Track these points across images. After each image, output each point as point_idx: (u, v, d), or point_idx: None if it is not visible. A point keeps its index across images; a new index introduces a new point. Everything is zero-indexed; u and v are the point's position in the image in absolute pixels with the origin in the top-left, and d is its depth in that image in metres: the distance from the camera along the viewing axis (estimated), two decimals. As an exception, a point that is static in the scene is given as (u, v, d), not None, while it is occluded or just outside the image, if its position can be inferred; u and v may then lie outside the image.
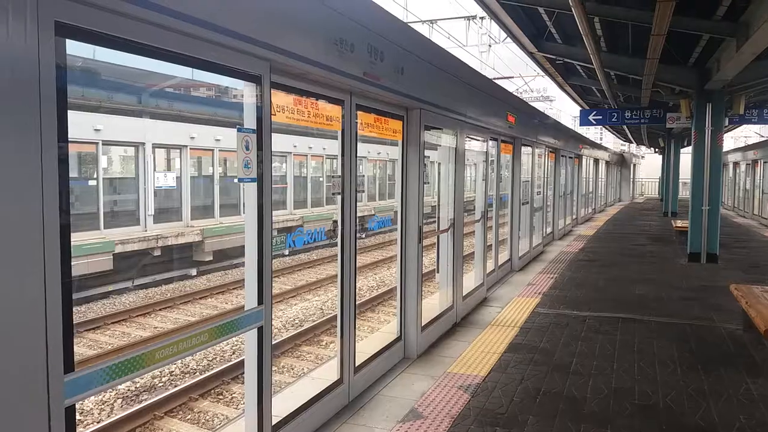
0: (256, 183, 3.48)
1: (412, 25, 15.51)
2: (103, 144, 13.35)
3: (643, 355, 6.02)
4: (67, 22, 2.21)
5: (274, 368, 4.00)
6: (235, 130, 3.40)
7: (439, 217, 7.26)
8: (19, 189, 2.05)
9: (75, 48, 2.34)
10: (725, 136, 14.97)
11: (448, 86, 6.78)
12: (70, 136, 2.26)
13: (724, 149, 15.42)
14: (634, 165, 44.36)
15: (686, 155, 21.86)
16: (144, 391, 7.31)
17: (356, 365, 4.93)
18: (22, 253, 2.07)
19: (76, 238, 11.34)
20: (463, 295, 7.57)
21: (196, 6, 2.83)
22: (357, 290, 4.91)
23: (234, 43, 3.11)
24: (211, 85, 16.59)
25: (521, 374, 5.46)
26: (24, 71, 2.05)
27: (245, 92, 3.50)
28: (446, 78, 6.72)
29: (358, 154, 4.86)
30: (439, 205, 7.30)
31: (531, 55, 13.82)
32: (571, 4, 7.54)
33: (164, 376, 7.74)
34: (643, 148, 47.24)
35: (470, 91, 7.63)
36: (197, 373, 7.81)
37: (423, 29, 20.61)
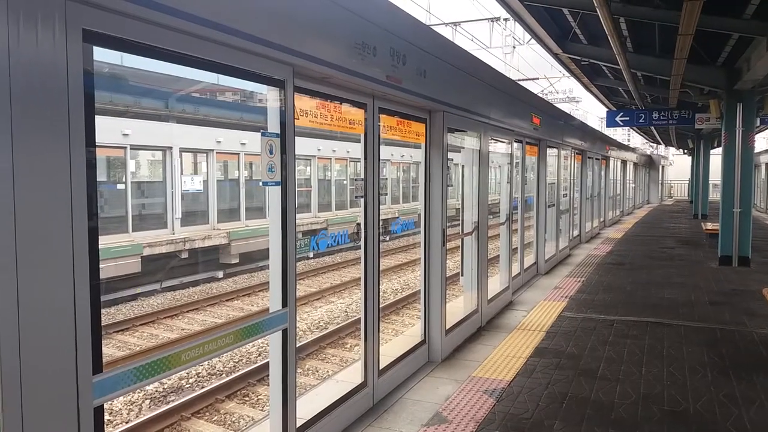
0: (280, 186, 3.50)
1: (435, 27, 15.47)
2: (131, 148, 13.59)
3: (673, 360, 5.90)
4: (94, 30, 2.25)
5: (298, 370, 4.04)
6: (260, 134, 3.43)
7: (463, 220, 7.22)
8: (48, 193, 2.09)
9: (103, 54, 2.39)
10: (757, 136, 14.62)
11: (471, 88, 6.76)
12: (97, 140, 2.30)
13: (756, 150, 15.07)
14: (663, 166, 43.63)
15: (716, 156, 21.46)
16: (172, 392, 7.41)
17: (380, 368, 4.93)
18: (52, 256, 2.12)
19: (105, 241, 11.55)
20: (488, 298, 7.52)
21: (221, 12, 2.87)
22: (381, 293, 4.90)
23: (257, 49, 3.14)
24: (236, 90, 16.76)
25: (547, 379, 5.40)
26: (53, 78, 2.09)
27: (269, 96, 3.53)
28: (469, 80, 6.70)
29: (381, 157, 4.87)
30: (463, 207, 7.27)
31: (556, 56, 13.70)
32: (595, 4, 7.46)
33: (191, 378, 7.83)
34: (672, 149, 46.44)
35: (494, 92, 7.58)
36: (223, 375, 7.89)
37: (446, 32, 20.59)
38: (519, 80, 17.88)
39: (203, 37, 2.78)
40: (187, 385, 7.62)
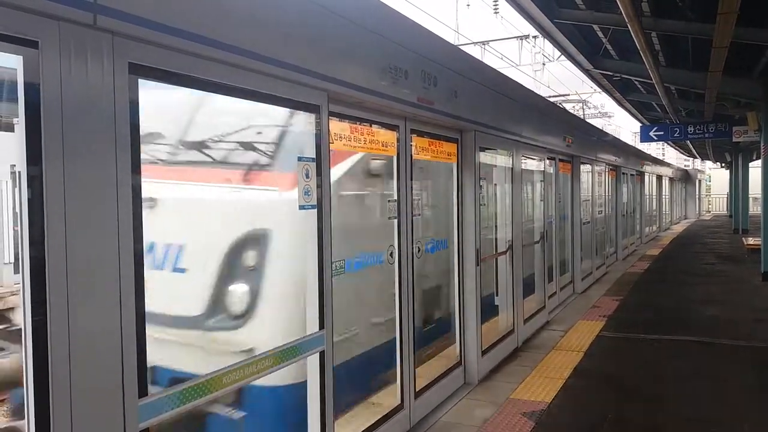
0: (315, 209, 3.55)
1: (463, 47, 15.55)
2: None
3: (717, 381, 5.73)
4: (140, 63, 2.34)
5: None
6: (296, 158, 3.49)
7: (496, 239, 7.17)
8: (96, 218, 2.17)
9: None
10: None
11: (502, 107, 6.76)
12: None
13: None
14: (699, 181, 42.68)
15: (755, 169, 20.90)
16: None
17: (417, 390, 4.90)
18: (100, 280, 2.18)
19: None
20: (524, 318, 7.43)
21: (261, 43, 2.96)
22: (415, 313, 4.89)
23: (294, 76, 3.22)
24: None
25: (588, 400, 5.29)
26: (101, 108, 2.18)
27: (304, 122, 3.60)
28: (500, 99, 6.71)
29: (413, 178, 4.90)
30: (496, 226, 7.22)
31: (587, 72, 13.64)
32: (626, 20, 7.43)
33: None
34: (709, 163, 45.45)
35: (525, 110, 7.57)
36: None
37: (475, 51, 20.63)
38: (550, 97, 17.78)
39: (244, 67, 2.87)
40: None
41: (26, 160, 2.01)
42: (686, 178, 39.05)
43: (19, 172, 2.03)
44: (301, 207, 3.49)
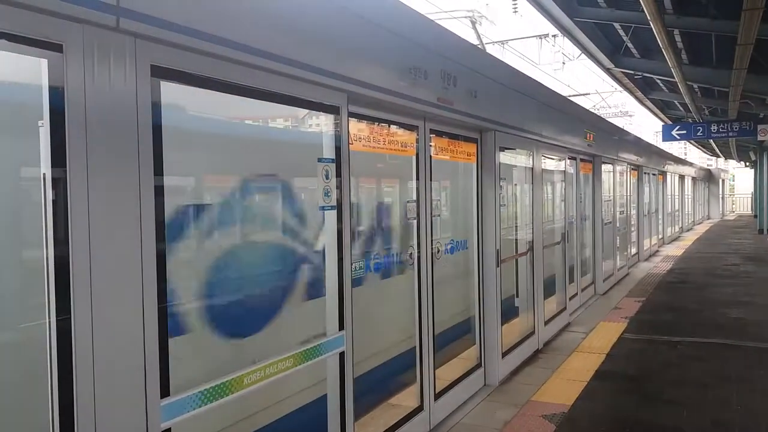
0: (335, 210, 3.55)
1: (482, 46, 15.43)
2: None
3: (744, 385, 5.62)
4: (161, 65, 2.36)
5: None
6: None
7: (517, 240, 7.12)
8: (119, 220, 2.19)
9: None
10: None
11: (522, 106, 6.71)
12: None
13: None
14: (723, 180, 41.99)
15: (782, 168, 20.49)
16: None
17: (436, 392, 4.88)
18: (123, 281, 2.20)
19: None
20: (545, 320, 7.36)
21: (282, 45, 2.96)
22: (435, 315, 4.88)
23: (315, 78, 3.22)
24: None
25: (610, 403, 5.22)
26: (123, 111, 2.20)
27: (324, 123, 3.60)
28: (520, 98, 6.66)
29: (433, 178, 4.88)
30: (516, 227, 7.17)
31: (608, 71, 13.49)
32: (648, 18, 7.33)
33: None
34: (732, 162, 44.68)
35: (545, 110, 7.51)
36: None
37: (494, 49, 20.50)
38: (570, 96, 17.60)
39: (265, 69, 2.87)
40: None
41: (51, 161, 2.03)
42: (709, 177, 38.46)
43: (44, 174, 2.05)
44: (321, 208, 3.49)
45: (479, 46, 12.43)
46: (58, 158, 2.02)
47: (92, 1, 2.06)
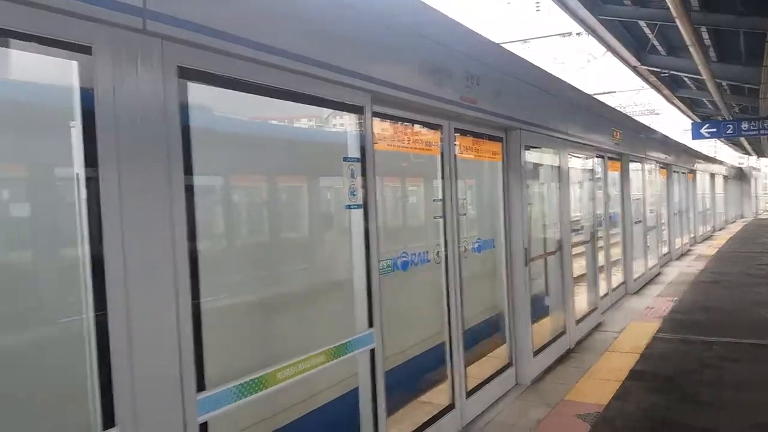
0: (361, 209, 3.57)
1: (506, 45, 15.38)
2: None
3: (783, 383, 5.47)
4: (188, 67, 2.41)
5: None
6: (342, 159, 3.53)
7: (546, 239, 7.06)
8: (151, 218, 2.23)
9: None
10: None
11: (547, 105, 6.67)
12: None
13: None
14: (756, 179, 41.02)
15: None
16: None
17: (468, 390, 4.85)
18: (157, 278, 2.25)
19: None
20: (577, 319, 7.27)
21: (307, 45, 3.00)
22: (464, 313, 4.86)
23: (339, 78, 3.26)
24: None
25: (644, 403, 5.13)
26: (152, 112, 2.25)
27: (349, 123, 3.63)
28: (545, 97, 6.62)
29: (458, 177, 4.87)
30: (545, 226, 7.11)
31: (634, 68, 13.32)
32: (674, 15, 7.24)
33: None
34: (765, 160, 43.64)
35: (571, 108, 7.44)
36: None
37: (517, 48, 20.40)
38: (595, 94, 17.40)
39: (290, 70, 2.91)
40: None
41: (84, 161, 2.08)
42: (741, 176, 37.62)
43: (77, 174, 2.11)
44: (347, 206, 3.51)
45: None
46: (90, 158, 2.07)
47: (119, 3, 2.11)
